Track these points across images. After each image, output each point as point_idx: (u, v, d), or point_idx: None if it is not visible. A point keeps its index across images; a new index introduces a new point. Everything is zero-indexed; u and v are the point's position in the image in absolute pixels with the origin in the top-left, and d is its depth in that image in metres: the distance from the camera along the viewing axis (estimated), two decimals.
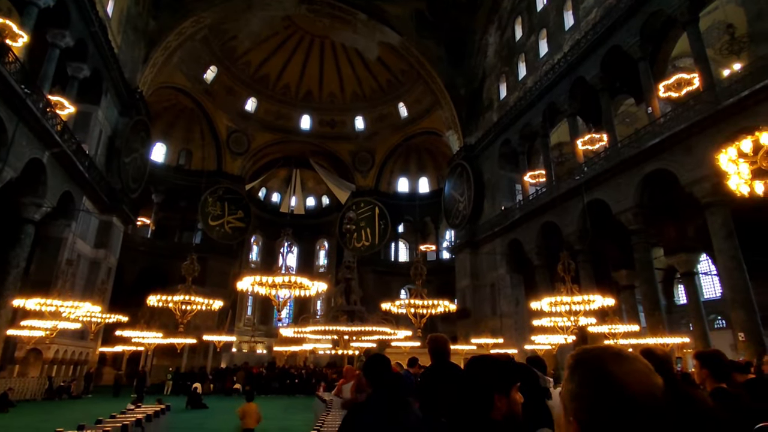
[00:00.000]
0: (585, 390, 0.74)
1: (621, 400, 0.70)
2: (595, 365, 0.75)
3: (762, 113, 11.65)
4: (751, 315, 12.91)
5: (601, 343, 6.29)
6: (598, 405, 0.71)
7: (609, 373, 0.72)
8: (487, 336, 20.21)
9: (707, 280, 23.93)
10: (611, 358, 0.75)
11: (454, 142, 31.51)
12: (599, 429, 0.70)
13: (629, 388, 0.70)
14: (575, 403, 0.74)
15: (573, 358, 0.80)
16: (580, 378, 0.76)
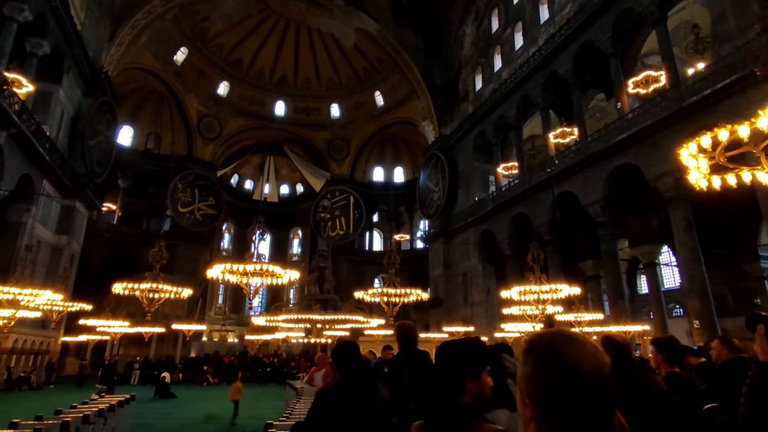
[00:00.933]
0: (539, 372, 0.76)
1: (572, 378, 0.72)
2: (548, 348, 0.77)
3: (722, 111, 12.13)
4: (706, 303, 13.59)
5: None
6: (551, 385, 0.74)
7: (561, 354, 0.75)
8: (459, 324, 20.59)
9: (668, 271, 24.99)
10: (562, 341, 0.77)
11: (429, 132, 31.60)
12: (553, 407, 0.73)
13: (580, 367, 0.73)
14: (530, 385, 0.76)
15: (527, 343, 0.82)
16: (533, 361, 0.78)
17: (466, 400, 1.49)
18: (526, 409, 0.77)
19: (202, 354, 29.63)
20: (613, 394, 0.73)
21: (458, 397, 1.49)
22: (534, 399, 0.75)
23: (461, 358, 1.55)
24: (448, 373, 1.53)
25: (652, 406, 1.86)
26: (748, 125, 3.46)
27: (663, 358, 2.94)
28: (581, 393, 0.72)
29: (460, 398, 1.49)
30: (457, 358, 1.56)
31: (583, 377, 0.72)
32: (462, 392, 1.49)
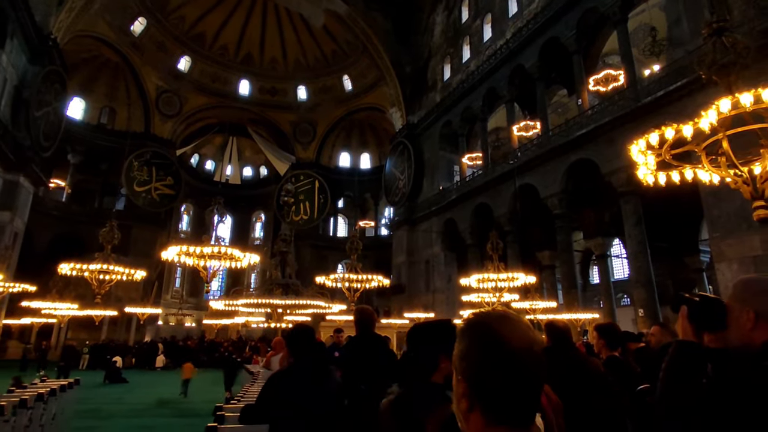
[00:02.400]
0: (473, 349, 0.79)
1: (504, 354, 0.76)
2: (482, 326, 0.81)
3: (673, 112, 12.75)
4: (651, 293, 14.45)
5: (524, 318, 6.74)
6: (484, 361, 0.77)
7: (493, 331, 0.78)
8: (420, 311, 20.95)
9: (618, 262, 26.31)
10: (495, 320, 0.80)
11: (397, 119, 31.57)
12: (485, 383, 0.76)
13: (511, 344, 0.76)
14: (464, 362, 0.79)
15: (464, 323, 0.85)
16: (468, 339, 0.81)
17: (437, 379, 1.51)
18: (459, 386, 0.80)
19: (157, 338, 28.80)
20: (543, 372, 0.77)
21: (431, 375, 1.52)
22: (465, 375, 0.78)
23: (437, 337, 1.57)
24: (424, 352, 1.55)
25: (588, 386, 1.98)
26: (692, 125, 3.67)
27: (604, 343, 3.12)
28: (510, 369, 0.75)
29: (432, 377, 1.52)
30: (433, 338, 1.57)
31: (513, 354, 0.76)
32: (435, 371, 1.52)
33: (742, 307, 1.32)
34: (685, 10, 13.79)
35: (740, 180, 3.80)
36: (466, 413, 0.78)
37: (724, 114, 3.53)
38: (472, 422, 0.77)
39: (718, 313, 1.38)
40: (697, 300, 1.42)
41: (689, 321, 1.41)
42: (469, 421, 0.77)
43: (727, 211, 11.60)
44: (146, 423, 8.80)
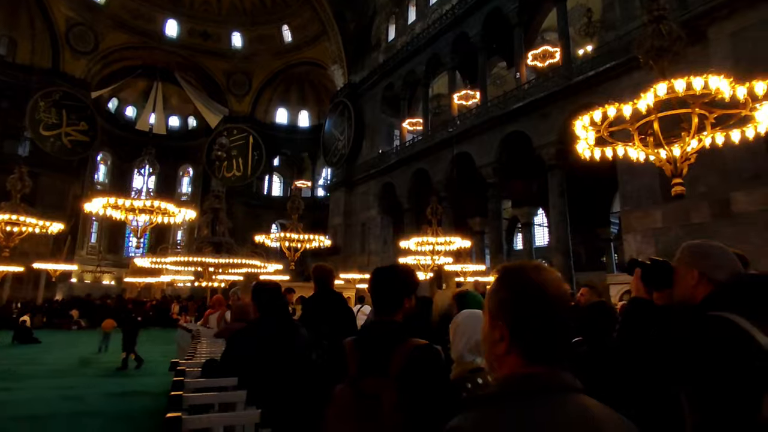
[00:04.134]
0: (513, 296, 0.87)
1: (541, 301, 0.84)
2: (520, 274, 0.89)
3: (601, 92, 13.67)
4: (567, 260, 15.86)
5: (453, 279, 7.17)
6: (525, 307, 0.85)
7: (532, 280, 0.86)
8: (355, 272, 21.32)
9: (540, 231, 28.36)
10: (532, 269, 0.89)
11: (339, 77, 30.68)
12: (526, 327, 0.85)
13: (548, 291, 0.85)
14: (503, 309, 0.87)
15: (499, 272, 0.92)
16: (508, 287, 0.89)
17: (398, 318, 1.61)
18: (495, 331, 0.88)
19: (69, 297, 26.74)
20: (572, 316, 0.88)
21: (394, 315, 1.61)
22: (507, 321, 0.86)
23: (401, 278, 1.66)
24: (389, 292, 1.63)
25: None
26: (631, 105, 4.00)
27: None
28: (547, 313, 0.84)
29: (395, 316, 1.61)
30: (397, 279, 1.66)
31: (551, 300, 0.85)
32: (399, 310, 1.62)
33: (688, 268, 1.54)
34: None
35: (664, 159, 4.24)
36: (502, 356, 0.86)
37: (660, 97, 3.88)
38: (508, 364, 0.86)
39: (666, 273, 1.59)
40: (648, 263, 1.63)
41: (641, 281, 1.62)
42: (505, 363, 0.86)
43: (638, 187, 12.86)
44: (70, 383, 8.30)
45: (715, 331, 1.28)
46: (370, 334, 1.59)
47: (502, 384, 0.84)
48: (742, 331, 1.24)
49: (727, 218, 10.74)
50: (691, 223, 11.69)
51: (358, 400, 1.37)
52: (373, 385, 1.37)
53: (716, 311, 1.33)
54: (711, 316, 1.33)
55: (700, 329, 1.33)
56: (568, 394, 0.81)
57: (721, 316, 1.30)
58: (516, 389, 0.81)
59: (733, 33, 10.94)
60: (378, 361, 1.43)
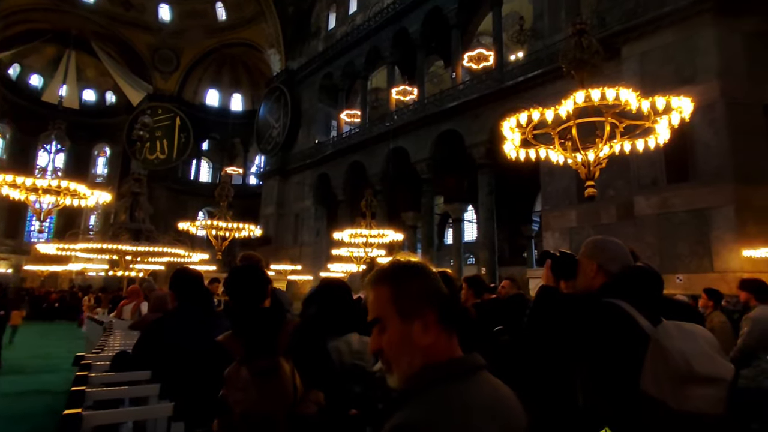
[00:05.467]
0: (435, 281, 0.92)
1: (453, 285, 0.89)
2: (419, 264, 0.94)
3: (528, 97, 14.49)
4: (492, 255, 16.74)
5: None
6: (444, 291, 0.91)
7: (428, 269, 0.94)
8: (287, 263, 20.92)
9: (469, 226, 29.57)
10: (418, 262, 0.95)
11: (275, 62, 29.70)
12: (449, 310, 0.90)
13: (450, 277, 0.91)
14: (429, 295, 0.90)
15: (391, 268, 0.94)
16: (425, 275, 0.92)
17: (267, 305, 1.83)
18: (417, 325, 0.88)
19: None
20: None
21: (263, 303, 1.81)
22: (434, 308, 0.90)
23: (261, 272, 1.89)
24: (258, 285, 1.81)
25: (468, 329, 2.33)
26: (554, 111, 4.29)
27: (472, 293, 3.64)
28: (457, 299, 0.90)
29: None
30: (259, 273, 1.87)
31: (455, 285, 0.90)
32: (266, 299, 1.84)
33: (588, 260, 1.70)
34: (548, 8, 15.48)
35: (579, 162, 4.61)
36: (430, 345, 0.88)
37: (579, 105, 4.20)
38: (433, 351, 0.88)
39: (572, 265, 1.75)
40: (558, 255, 1.78)
41: (551, 271, 1.76)
42: (430, 350, 0.88)
43: (557, 189, 13.84)
44: None
45: (605, 315, 1.44)
46: (254, 323, 1.69)
47: (436, 370, 0.85)
48: (627, 315, 1.41)
49: (630, 219, 11.91)
50: (601, 223, 12.82)
51: (256, 376, 1.50)
52: (267, 362, 1.53)
53: (609, 298, 1.49)
54: (603, 302, 1.49)
55: (593, 314, 1.49)
56: (483, 370, 0.88)
57: (611, 302, 1.47)
58: (448, 372, 0.85)
59: (642, 53, 12.08)
60: (265, 343, 1.58)
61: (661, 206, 11.28)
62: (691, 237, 10.75)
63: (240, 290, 1.79)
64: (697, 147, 10.79)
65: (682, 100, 4.26)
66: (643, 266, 1.65)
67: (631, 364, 1.38)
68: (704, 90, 10.53)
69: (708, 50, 10.99)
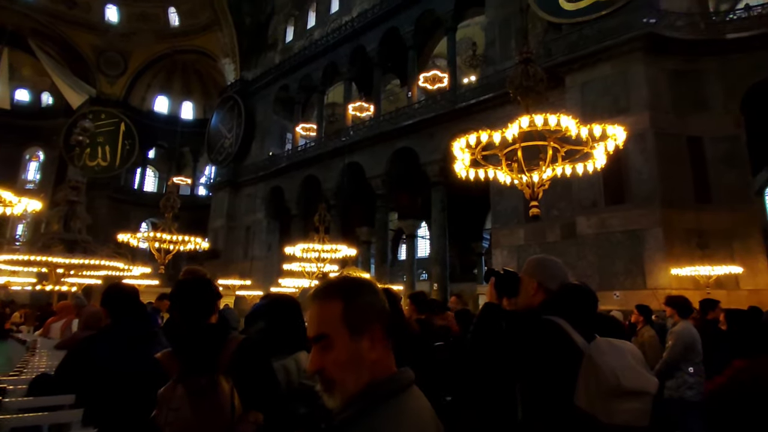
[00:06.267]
0: (378, 298, 0.93)
1: (395, 300, 0.91)
2: (370, 283, 0.94)
3: (480, 119, 15.02)
4: (444, 271, 17.03)
5: None
6: (387, 309, 0.93)
7: (374, 286, 0.94)
8: (236, 278, 20.19)
9: (422, 243, 29.97)
10: (366, 280, 0.98)
11: (230, 72, 29.11)
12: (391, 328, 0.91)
13: (393, 294, 0.93)
14: (374, 312, 0.92)
15: (342, 284, 0.94)
16: (369, 292, 0.93)
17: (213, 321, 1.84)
18: (365, 342, 0.90)
19: None
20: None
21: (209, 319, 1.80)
22: (382, 325, 0.91)
23: (210, 287, 1.86)
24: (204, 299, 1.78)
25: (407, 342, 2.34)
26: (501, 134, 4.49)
27: (415, 308, 3.68)
28: (400, 314, 0.91)
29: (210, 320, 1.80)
30: (208, 287, 1.84)
31: (397, 301, 0.92)
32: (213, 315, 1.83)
33: (530, 278, 1.77)
34: (499, 36, 16.28)
35: (524, 183, 4.83)
36: (376, 361, 0.89)
37: (524, 129, 4.43)
38: (378, 367, 0.89)
39: (515, 283, 1.81)
40: (501, 273, 1.84)
41: (495, 288, 1.81)
42: (376, 366, 0.89)
43: (506, 208, 14.38)
44: None
45: (543, 332, 1.51)
46: (193, 339, 1.64)
47: (382, 386, 0.87)
48: (563, 332, 1.48)
49: (573, 239, 12.56)
50: (547, 241, 13.43)
51: (192, 394, 1.44)
52: (204, 380, 1.47)
53: (547, 315, 1.56)
54: (542, 319, 1.55)
55: (532, 330, 1.55)
56: (414, 385, 0.92)
57: (549, 320, 1.54)
58: (392, 387, 0.88)
59: (583, 83, 12.94)
60: (204, 360, 1.54)
61: (601, 227, 11.99)
62: (627, 256, 11.48)
63: (185, 304, 1.73)
64: (631, 172, 11.61)
65: (616, 128, 4.60)
66: (579, 284, 1.74)
67: (566, 379, 1.44)
68: (637, 120, 11.41)
69: (640, 84, 11.95)
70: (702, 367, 4.02)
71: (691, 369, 3.97)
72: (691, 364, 3.99)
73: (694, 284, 10.64)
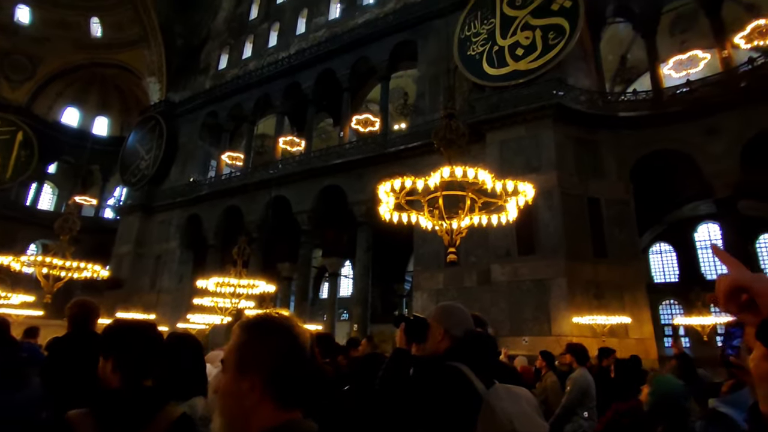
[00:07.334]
0: (267, 344, 0.90)
1: (295, 347, 0.90)
2: (271, 324, 0.93)
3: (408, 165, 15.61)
4: (365, 311, 16.93)
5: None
6: (280, 354, 0.89)
7: (283, 327, 0.91)
8: (139, 311, 18.35)
9: (344, 281, 29.68)
10: (279, 319, 0.95)
11: (154, 91, 27.76)
12: (281, 374, 0.88)
13: (299, 338, 0.91)
14: (257, 356, 0.89)
15: (247, 324, 0.94)
16: (260, 336, 0.90)
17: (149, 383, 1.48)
18: (244, 383, 0.87)
19: None
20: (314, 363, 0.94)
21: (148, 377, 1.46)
22: (260, 370, 0.87)
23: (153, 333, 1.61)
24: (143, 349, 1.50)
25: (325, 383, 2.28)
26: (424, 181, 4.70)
27: (319, 351, 3.61)
28: (301, 362, 0.89)
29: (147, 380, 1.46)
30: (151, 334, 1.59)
31: (301, 347, 0.90)
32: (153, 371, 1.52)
33: (437, 325, 1.83)
34: (429, 90, 17.37)
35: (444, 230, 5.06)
36: (253, 407, 0.85)
37: (445, 179, 4.68)
38: (259, 415, 0.85)
39: (423, 329, 1.85)
40: (411, 319, 1.88)
41: (404, 334, 1.84)
42: (255, 415, 0.85)
43: (428, 252, 14.82)
44: None
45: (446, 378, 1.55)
46: (121, 400, 1.38)
47: None
48: (465, 378, 1.53)
49: (488, 285, 13.20)
50: (464, 286, 13.97)
51: None
52: None
53: (451, 361, 1.61)
54: (445, 366, 1.60)
55: (435, 376, 1.59)
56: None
57: (452, 366, 1.59)
58: None
59: (501, 141, 14.10)
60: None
61: (513, 275, 12.76)
62: (535, 303, 12.26)
63: (129, 356, 1.43)
64: (540, 226, 12.64)
65: (526, 185, 5.04)
66: (482, 332, 1.83)
67: (466, 424, 1.48)
68: (546, 179, 12.57)
69: (549, 147, 13.28)
70: (595, 411, 4.33)
71: (585, 413, 4.26)
72: (585, 409, 4.28)
73: (592, 332, 11.59)
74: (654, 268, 22.70)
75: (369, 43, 19.50)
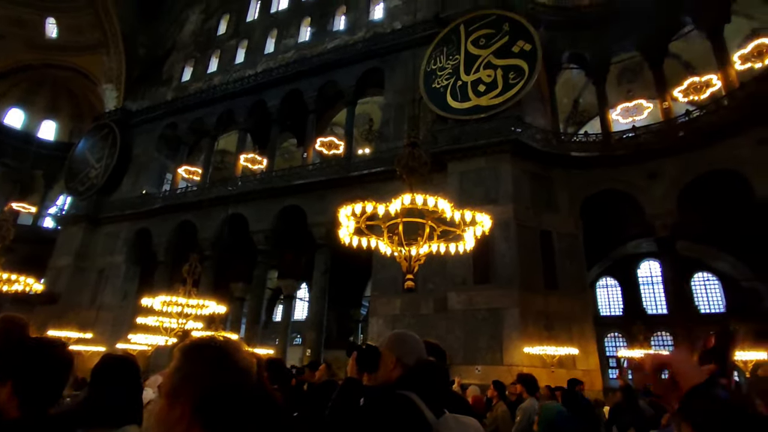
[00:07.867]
0: (200, 369, 0.84)
1: (232, 372, 0.85)
2: (206, 349, 0.88)
3: (370, 189, 15.74)
4: (319, 336, 16.55)
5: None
6: (212, 379, 0.85)
7: (220, 352, 0.87)
8: (74, 329, 16.99)
9: (299, 305, 29.01)
10: (218, 343, 0.91)
11: (111, 98, 26.72)
12: (212, 400, 0.81)
13: (238, 363, 0.87)
14: (188, 382, 0.83)
15: (182, 349, 0.89)
16: (193, 361, 0.85)
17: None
18: (175, 410, 0.82)
19: None
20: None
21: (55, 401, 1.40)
22: (190, 397, 0.81)
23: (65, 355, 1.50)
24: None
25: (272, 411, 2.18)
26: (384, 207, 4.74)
27: (267, 376, 3.48)
28: (237, 387, 0.84)
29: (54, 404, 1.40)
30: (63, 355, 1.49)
31: (239, 372, 0.86)
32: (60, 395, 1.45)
33: (389, 353, 1.81)
34: (394, 118, 17.72)
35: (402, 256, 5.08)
36: (392, 369, 0.81)
37: (406, 205, 4.73)
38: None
39: (375, 358, 1.83)
40: (363, 348, 1.85)
41: (356, 363, 1.81)
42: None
43: (386, 277, 14.79)
44: None
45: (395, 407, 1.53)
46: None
47: None
48: (415, 407, 1.52)
49: (444, 312, 13.28)
50: (421, 313, 13.98)
51: None
52: None
53: (402, 390, 1.59)
54: (395, 394, 1.58)
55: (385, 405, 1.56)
56: None
57: (402, 395, 1.57)
58: None
59: (462, 172, 14.50)
60: None
61: (468, 303, 12.92)
62: (489, 332, 12.42)
63: (34, 379, 1.26)
64: (496, 256, 12.95)
65: (483, 216, 5.18)
66: (433, 361, 1.82)
67: None
68: (503, 211, 12.98)
69: (506, 181, 13.79)
70: None
71: None
72: None
73: (542, 362, 11.84)
74: (600, 301, 23.71)
75: (338, 68, 19.78)
